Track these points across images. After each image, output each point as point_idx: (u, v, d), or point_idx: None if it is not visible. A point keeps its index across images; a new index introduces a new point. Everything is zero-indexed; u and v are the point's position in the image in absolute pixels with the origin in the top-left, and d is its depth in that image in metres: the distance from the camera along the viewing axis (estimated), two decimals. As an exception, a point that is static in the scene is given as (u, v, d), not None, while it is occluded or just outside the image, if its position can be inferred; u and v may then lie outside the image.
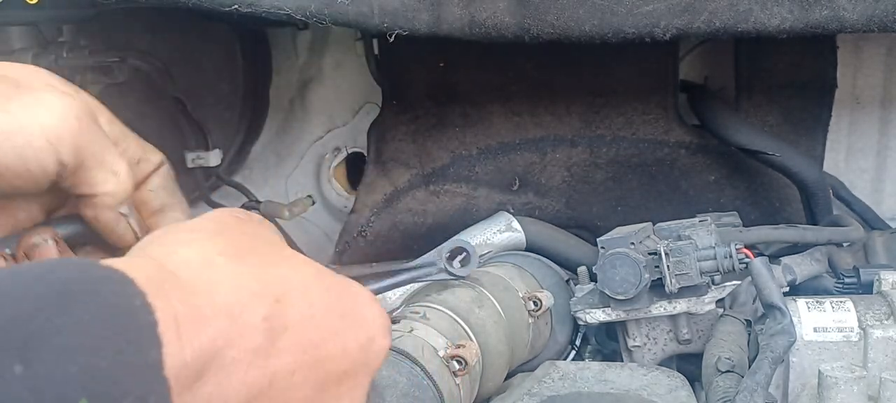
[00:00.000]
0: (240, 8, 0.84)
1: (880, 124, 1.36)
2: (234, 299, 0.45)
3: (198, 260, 0.46)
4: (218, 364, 0.43)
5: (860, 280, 1.01)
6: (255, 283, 0.47)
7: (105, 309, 0.37)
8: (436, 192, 1.26)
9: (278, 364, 0.47)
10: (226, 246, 0.48)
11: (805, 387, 0.87)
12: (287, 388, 0.48)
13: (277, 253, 0.51)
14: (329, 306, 0.51)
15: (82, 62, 1.28)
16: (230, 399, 0.45)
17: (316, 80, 1.45)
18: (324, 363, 0.50)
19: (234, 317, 0.44)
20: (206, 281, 0.44)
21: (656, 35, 0.89)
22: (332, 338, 0.50)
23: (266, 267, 0.48)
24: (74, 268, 0.39)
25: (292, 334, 0.48)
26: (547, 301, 0.97)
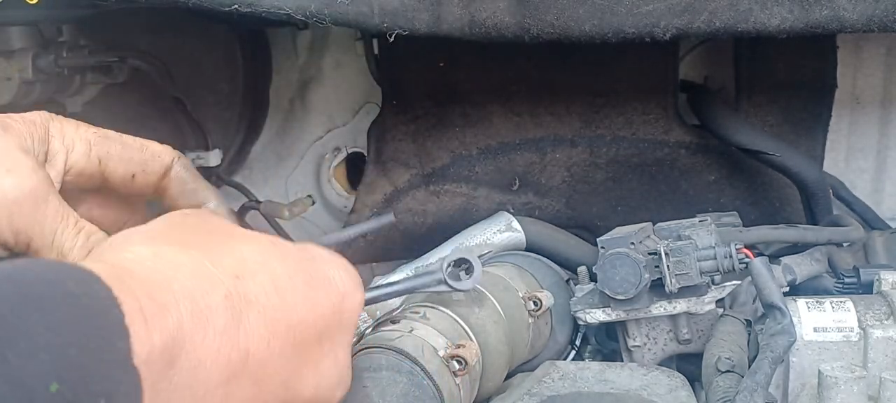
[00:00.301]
0: (240, 8, 0.84)
1: (880, 124, 1.36)
2: (191, 284, 0.45)
3: (150, 254, 0.47)
4: (189, 349, 0.44)
5: (860, 280, 1.01)
6: (210, 266, 0.47)
7: (73, 305, 0.38)
8: (436, 192, 1.26)
9: (250, 339, 0.47)
10: (176, 239, 0.49)
11: (805, 387, 0.87)
12: (265, 360, 0.49)
13: (230, 235, 0.52)
14: (291, 273, 0.51)
15: (82, 62, 1.28)
16: (208, 380, 0.45)
17: (316, 80, 1.45)
18: (296, 328, 0.51)
19: (196, 300, 0.45)
20: (162, 271, 0.45)
21: (656, 35, 0.89)
22: (300, 303, 0.51)
23: (219, 249, 0.49)
24: (42, 268, 0.40)
25: (258, 307, 0.48)
26: (547, 301, 0.97)
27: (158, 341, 0.42)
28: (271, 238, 0.54)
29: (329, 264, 0.56)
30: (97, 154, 0.63)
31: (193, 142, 1.38)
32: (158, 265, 0.46)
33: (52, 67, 1.24)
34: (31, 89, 1.24)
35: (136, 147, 0.66)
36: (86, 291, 0.40)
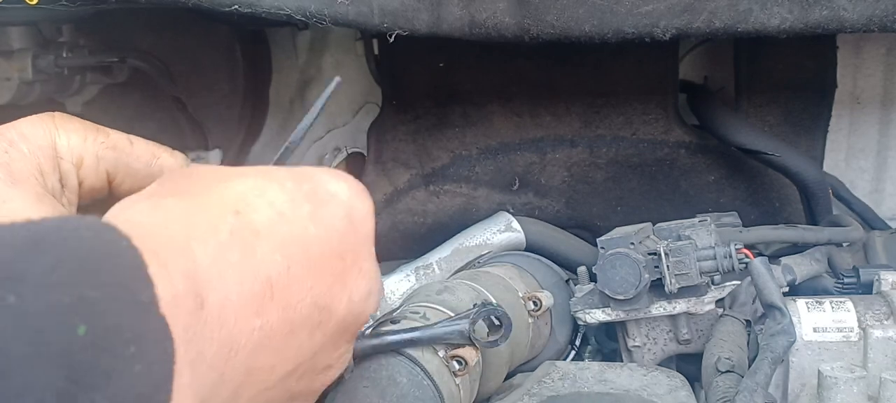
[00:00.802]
0: (240, 8, 0.84)
1: (880, 124, 1.36)
2: (197, 225, 0.45)
3: (150, 206, 0.47)
4: (211, 288, 0.44)
5: (860, 280, 1.01)
6: (209, 206, 0.47)
7: (90, 249, 0.37)
8: (436, 192, 1.26)
9: (268, 266, 0.48)
10: (171, 190, 0.50)
11: (805, 387, 0.87)
12: (288, 284, 0.49)
13: (222, 176, 0.51)
14: (291, 197, 0.51)
15: (82, 62, 1.28)
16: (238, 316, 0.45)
17: (316, 80, 1.45)
18: (311, 248, 0.51)
19: (205, 239, 0.45)
20: (167, 219, 0.45)
21: (656, 35, 0.89)
22: (309, 223, 0.51)
23: (215, 190, 0.49)
24: (56, 221, 0.39)
25: (266, 235, 0.48)
26: (547, 301, 0.97)
27: (181, 285, 0.41)
28: (263, 169, 0.53)
29: (328, 179, 0.55)
30: (105, 168, 0.62)
31: (193, 142, 1.38)
32: (162, 215, 0.46)
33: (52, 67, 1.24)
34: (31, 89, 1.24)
35: (144, 159, 0.64)
36: (101, 238, 0.39)
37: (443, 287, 0.91)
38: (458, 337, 0.76)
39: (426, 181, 1.27)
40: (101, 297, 0.36)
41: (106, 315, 0.36)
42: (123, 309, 0.37)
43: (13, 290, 0.34)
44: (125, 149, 0.63)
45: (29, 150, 0.57)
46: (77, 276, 0.36)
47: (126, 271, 0.39)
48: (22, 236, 0.36)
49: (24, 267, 0.35)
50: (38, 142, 0.58)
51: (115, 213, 0.47)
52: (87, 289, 0.36)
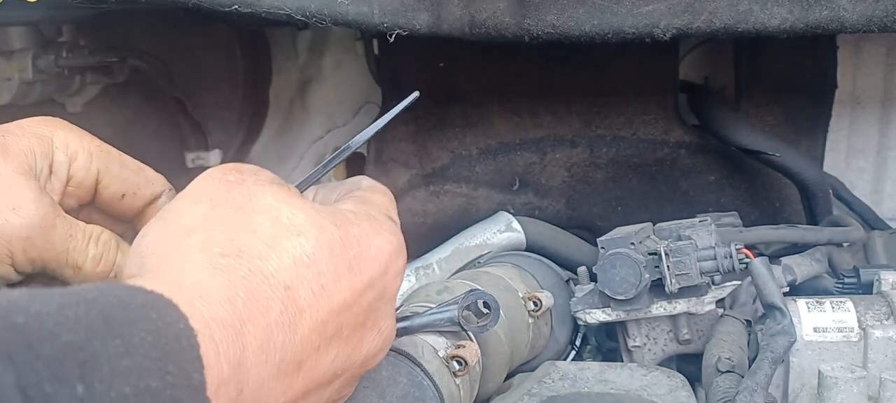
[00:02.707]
0: (240, 8, 0.84)
1: (880, 124, 1.36)
2: (251, 302, 0.46)
3: (208, 267, 0.46)
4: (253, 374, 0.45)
5: (860, 280, 1.01)
6: (264, 277, 0.47)
7: (152, 333, 0.39)
8: (436, 192, 1.26)
9: (304, 349, 0.48)
10: (225, 240, 0.48)
11: (805, 387, 0.87)
12: (316, 360, 0.50)
13: (276, 223, 0.50)
14: (336, 266, 0.51)
15: (82, 62, 1.28)
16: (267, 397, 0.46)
17: (316, 80, 1.45)
18: (342, 317, 0.51)
19: (256, 320, 0.45)
20: (224, 289, 0.45)
21: (656, 35, 0.89)
22: (346, 293, 0.51)
23: (270, 253, 0.48)
24: (122, 293, 0.40)
25: (308, 316, 0.49)
26: (547, 301, 0.97)
27: (227, 370, 0.43)
28: (314, 218, 0.52)
29: (371, 234, 0.54)
30: (96, 166, 0.62)
31: (193, 142, 1.38)
32: (220, 280, 0.45)
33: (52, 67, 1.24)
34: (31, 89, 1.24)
35: (132, 168, 0.64)
36: (165, 319, 0.40)
37: (443, 287, 0.91)
38: (448, 324, 0.77)
39: (426, 181, 1.27)
40: (160, 386, 0.38)
41: (158, 400, 0.37)
42: (176, 394, 0.38)
43: (82, 379, 0.35)
44: (116, 156, 0.64)
45: (24, 135, 0.58)
46: (142, 364, 0.37)
47: (183, 354, 0.40)
48: (94, 315, 0.37)
49: (95, 352, 0.36)
50: (35, 131, 0.59)
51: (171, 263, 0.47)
52: (150, 379, 0.37)
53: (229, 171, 0.54)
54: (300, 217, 0.51)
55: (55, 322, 0.36)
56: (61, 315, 0.36)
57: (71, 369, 0.35)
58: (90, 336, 0.36)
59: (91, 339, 0.36)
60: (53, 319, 0.36)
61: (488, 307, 0.78)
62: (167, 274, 0.46)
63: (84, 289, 0.39)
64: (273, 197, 0.52)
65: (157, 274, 0.46)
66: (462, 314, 0.77)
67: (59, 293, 0.38)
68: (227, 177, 0.53)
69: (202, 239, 0.48)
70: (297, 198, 0.53)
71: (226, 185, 0.52)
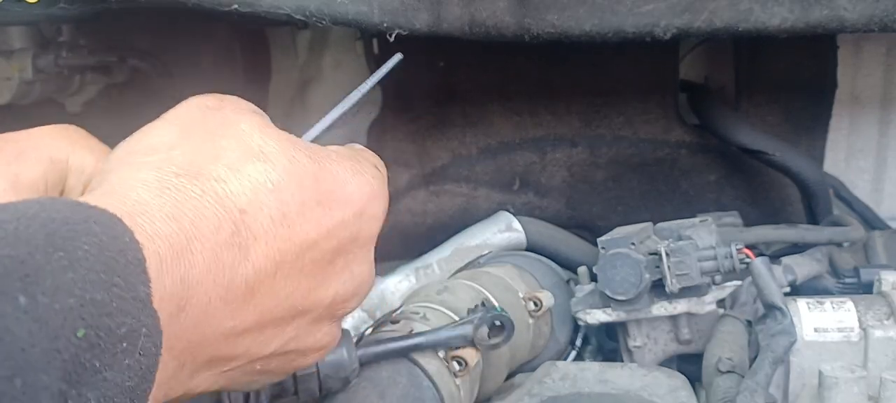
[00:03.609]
0: (239, 8, 0.84)
1: (880, 124, 1.36)
2: (201, 220, 0.45)
3: (156, 183, 0.45)
4: (198, 291, 0.44)
5: (860, 280, 1.01)
6: (218, 198, 0.46)
7: (96, 246, 0.38)
8: (436, 192, 1.26)
9: (256, 272, 0.47)
10: (184, 161, 0.47)
11: (805, 387, 0.87)
12: (271, 289, 0.48)
13: (245, 149, 0.49)
14: (304, 198, 0.50)
15: (82, 62, 1.28)
16: (215, 317, 0.46)
17: (316, 80, 1.45)
18: (305, 252, 0.50)
19: (205, 238, 0.44)
20: (173, 206, 0.44)
21: (656, 34, 0.89)
22: (312, 227, 0.50)
23: (230, 173, 0.48)
24: (64, 208, 0.39)
25: (263, 241, 0.47)
26: (547, 301, 0.97)
27: (170, 285, 0.42)
28: (288, 149, 0.51)
29: (349, 174, 0.53)
30: None
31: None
32: (167, 199, 0.45)
33: (52, 67, 1.24)
34: (31, 89, 1.24)
35: None
36: (109, 233, 0.39)
37: (443, 287, 0.91)
38: (462, 341, 0.76)
39: (426, 181, 1.27)
40: (102, 295, 0.37)
41: (108, 315, 0.37)
42: (122, 306, 0.38)
43: (25, 291, 0.34)
44: None
45: (39, 162, 0.56)
46: (87, 277, 0.37)
47: (129, 267, 0.39)
48: (36, 230, 0.36)
49: (38, 266, 0.35)
50: (51, 155, 0.57)
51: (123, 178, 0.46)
52: (94, 291, 0.37)
53: (209, 99, 0.54)
54: (272, 145, 0.50)
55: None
56: (1, 230, 0.36)
57: (12, 283, 0.34)
58: (32, 251, 0.35)
59: (33, 253, 0.35)
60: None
61: (502, 324, 0.77)
62: (117, 190, 0.45)
63: (24, 204, 0.38)
64: (248, 124, 0.51)
65: (107, 191, 0.46)
66: (476, 332, 0.77)
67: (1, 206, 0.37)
68: (206, 102, 0.53)
69: (161, 158, 0.48)
70: (273, 129, 0.52)
71: (202, 111, 0.52)
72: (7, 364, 0.33)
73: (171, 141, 0.50)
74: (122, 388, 0.38)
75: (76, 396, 0.35)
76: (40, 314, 0.34)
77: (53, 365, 0.34)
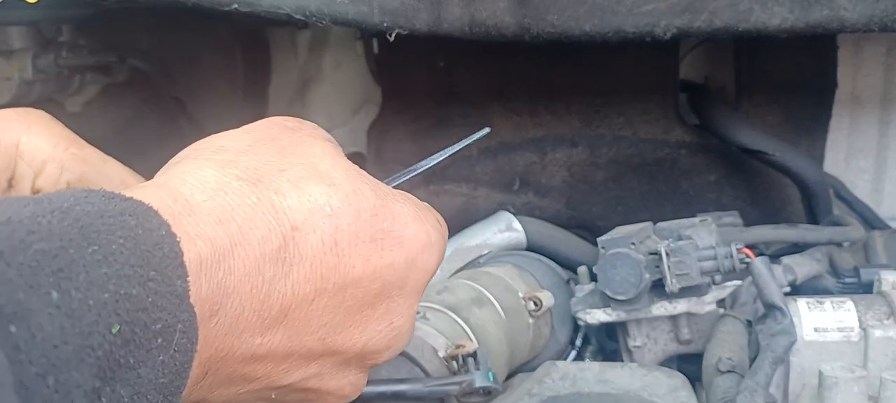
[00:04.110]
0: (239, 8, 0.84)
1: (880, 124, 1.36)
2: (249, 228, 0.44)
3: (214, 184, 0.44)
4: (234, 298, 0.43)
5: (860, 280, 1.01)
6: (272, 209, 0.45)
7: (131, 240, 0.37)
8: (436, 192, 1.26)
9: (294, 294, 0.46)
10: (249, 167, 0.46)
11: (805, 387, 0.87)
12: (305, 315, 0.47)
13: (311, 170, 0.48)
14: (358, 230, 0.48)
15: (82, 62, 1.28)
16: (245, 328, 0.44)
17: (316, 80, 1.45)
18: (348, 288, 0.48)
19: (251, 247, 0.43)
20: (222, 208, 0.43)
21: (656, 35, 0.89)
22: (360, 263, 0.48)
23: (290, 187, 0.46)
24: (98, 201, 0.38)
25: (309, 263, 0.46)
26: (547, 301, 0.97)
27: (206, 288, 0.41)
28: (357, 182, 0.49)
29: (406, 223, 0.51)
30: (67, 178, 0.57)
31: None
32: (220, 201, 0.44)
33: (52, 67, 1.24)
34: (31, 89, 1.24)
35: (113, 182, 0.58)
36: (145, 226, 0.38)
37: (443, 287, 0.91)
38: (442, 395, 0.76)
39: (426, 181, 1.27)
40: (141, 293, 0.36)
41: (143, 310, 0.36)
42: (158, 301, 0.37)
43: (57, 286, 0.33)
44: (95, 165, 0.58)
45: None
46: (121, 271, 0.36)
47: (165, 261, 0.38)
48: (70, 222, 0.36)
49: (71, 260, 0.34)
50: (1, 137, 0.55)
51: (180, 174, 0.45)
52: (129, 286, 0.36)
53: (289, 120, 0.52)
54: (339, 173, 0.49)
55: (28, 230, 0.34)
56: (34, 223, 0.35)
57: (45, 277, 0.33)
58: (65, 245, 0.35)
59: (66, 247, 0.35)
60: (25, 228, 0.34)
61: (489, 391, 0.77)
62: (171, 184, 0.44)
63: (58, 197, 0.37)
64: (321, 149, 0.50)
65: (161, 184, 0.44)
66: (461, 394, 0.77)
67: (32, 200, 0.36)
68: (286, 122, 0.52)
69: (226, 159, 0.47)
70: (344, 159, 0.50)
71: (280, 128, 0.51)
72: (40, 362, 0.32)
73: (241, 146, 0.49)
74: (155, 385, 0.37)
75: (110, 393, 0.35)
76: (74, 310, 0.33)
77: (86, 363, 0.33)
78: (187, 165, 0.46)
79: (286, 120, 0.52)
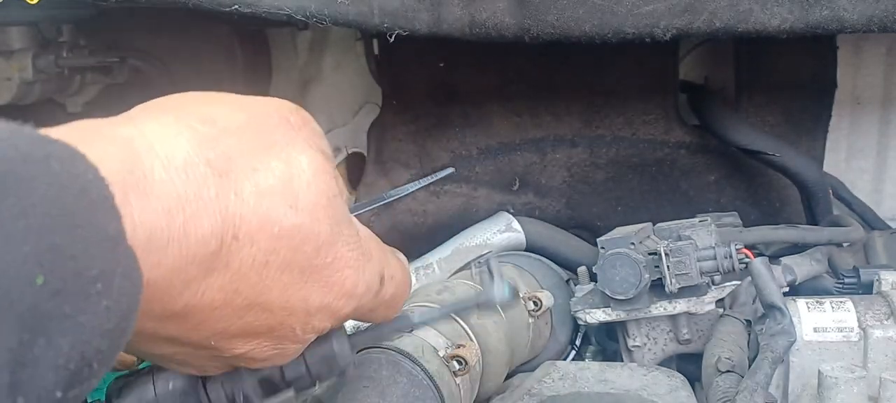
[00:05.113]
0: (240, 8, 0.84)
1: (880, 124, 1.36)
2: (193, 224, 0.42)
3: (181, 162, 0.43)
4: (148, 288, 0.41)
5: (860, 280, 1.01)
6: (223, 212, 0.43)
7: (54, 188, 0.35)
8: (436, 192, 1.26)
9: (202, 297, 0.45)
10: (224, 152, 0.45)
11: (805, 387, 0.87)
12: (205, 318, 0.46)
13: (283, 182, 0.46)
14: (292, 259, 0.46)
15: (82, 62, 1.28)
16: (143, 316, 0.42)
17: (316, 80, 1.45)
18: (254, 308, 0.47)
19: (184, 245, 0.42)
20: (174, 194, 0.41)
21: (656, 35, 0.89)
22: (276, 290, 0.47)
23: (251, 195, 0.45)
24: (23, 144, 0.35)
25: (231, 274, 0.45)
26: (547, 301, 0.97)
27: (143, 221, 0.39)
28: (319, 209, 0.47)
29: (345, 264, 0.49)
30: None
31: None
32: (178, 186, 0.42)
33: (52, 67, 1.24)
34: (31, 89, 1.24)
35: None
36: (71, 171, 0.36)
37: (443, 287, 0.91)
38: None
39: (426, 181, 1.27)
40: (62, 239, 0.34)
41: (71, 259, 0.34)
42: (89, 248, 0.35)
43: None
44: None
45: None
46: (42, 222, 0.34)
47: (94, 206, 0.36)
48: None
49: None
50: None
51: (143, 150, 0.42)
52: (52, 236, 0.34)
53: (296, 114, 0.50)
54: (308, 196, 0.47)
55: None
56: None
57: None
58: None
59: None
60: None
61: None
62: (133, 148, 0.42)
63: None
64: (307, 161, 0.48)
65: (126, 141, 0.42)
66: None
67: None
68: (290, 116, 0.50)
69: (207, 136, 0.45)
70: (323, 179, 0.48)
71: (280, 118, 0.49)
72: None
73: (230, 124, 0.47)
74: (100, 331, 0.36)
75: (45, 345, 0.33)
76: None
77: (7, 318, 0.32)
78: (166, 124, 0.44)
79: (292, 113, 0.50)
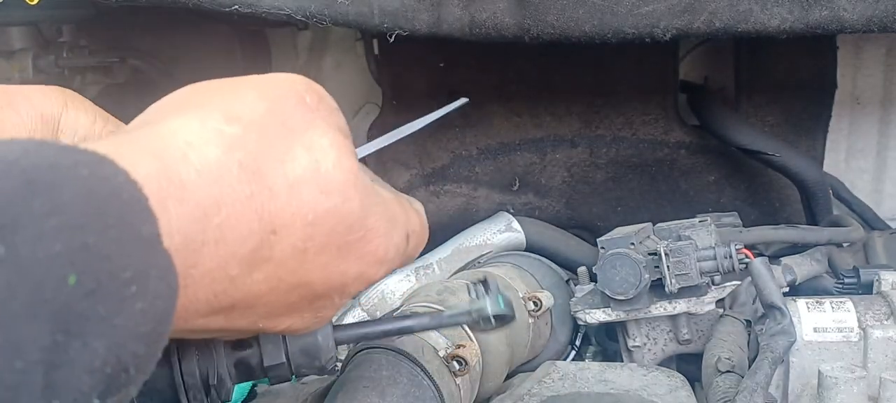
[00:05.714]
0: (240, 8, 0.84)
1: (880, 124, 1.36)
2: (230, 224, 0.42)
3: (215, 165, 0.43)
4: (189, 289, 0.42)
5: (860, 280, 1.01)
6: (260, 210, 0.44)
7: (84, 190, 0.35)
8: (436, 192, 1.26)
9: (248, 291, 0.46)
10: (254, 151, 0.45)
11: (805, 387, 0.87)
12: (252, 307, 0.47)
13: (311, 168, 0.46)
14: (329, 241, 0.47)
15: (82, 62, 1.28)
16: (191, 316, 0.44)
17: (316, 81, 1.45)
18: (298, 289, 0.48)
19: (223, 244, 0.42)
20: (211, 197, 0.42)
21: (656, 35, 0.89)
22: (317, 271, 0.48)
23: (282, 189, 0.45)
24: (50, 153, 0.36)
25: (273, 265, 0.46)
26: (547, 301, 0.97)
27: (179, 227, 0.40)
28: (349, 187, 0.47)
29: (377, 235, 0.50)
30: None
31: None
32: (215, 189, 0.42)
33: (52, 67, 1.24)
34: (32, 89, 1.24)
35: None
36: (99, 174, 0.36)
37: (443, 287, 0.91)
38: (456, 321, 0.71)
39: (426, 181, 1.27)
40: (99, 242, 0.34)
41: (105, 259, 0.34)
42: (123, 249, 0.35)
43: (3, 240, 0.32)
44: None
45: (27, 116, 0.54)
46: (75, 221, 0.34)
47: (126, 207, 0.37)
48: (15, 176, 0.34)
49: (17, 213, 0.33)
50: (41, 111, 0.54)
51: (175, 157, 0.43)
52: (84, 236, 0.34)
53: (310, 91, 0.50)
54: (336, 176, 0.47)
55: None
56: None
57: None
58: (10, 199, 0.33)
59: (12, 201, 0.32)
60: None
61: None
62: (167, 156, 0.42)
63: (7, 147, 0.35)
64: (329, 141, 0.48)
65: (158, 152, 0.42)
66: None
67: None
68: (305, 96, 0.50)
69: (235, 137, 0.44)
70: (346, 156, 0.49)
71: (297, 100, 0.49)
72: None
73: (253, 116, 0.46)
74: (136, 334, 0.36)
75: (80, 347, 0.33)
76: (21, 263, 0.32)
77: (40, 317, 0.32)
78: (192, 129, 0.44)
79: (307, 91, 0.50)
